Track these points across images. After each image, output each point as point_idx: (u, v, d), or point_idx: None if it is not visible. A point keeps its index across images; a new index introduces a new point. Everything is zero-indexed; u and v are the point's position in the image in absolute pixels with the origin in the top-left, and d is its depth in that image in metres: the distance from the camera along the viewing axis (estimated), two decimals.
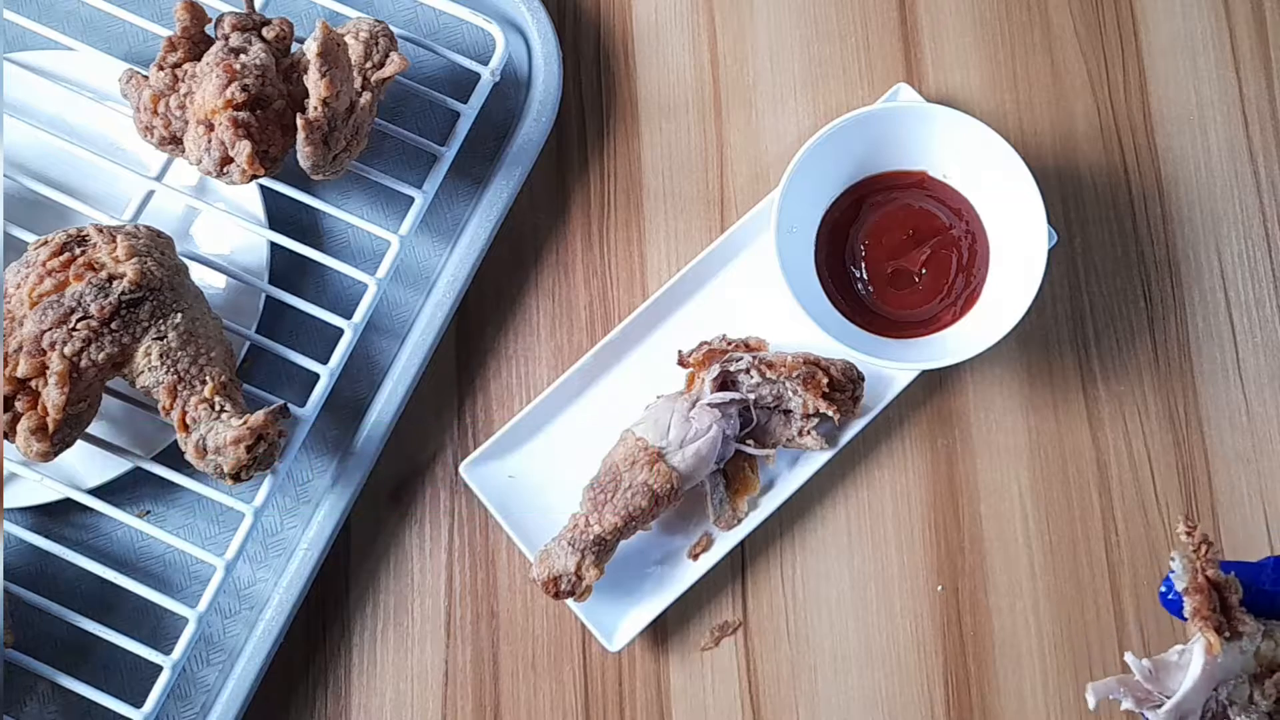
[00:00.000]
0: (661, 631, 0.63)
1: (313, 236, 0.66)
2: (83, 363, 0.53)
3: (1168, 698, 0.48)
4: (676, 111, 0.68)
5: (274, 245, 0.62)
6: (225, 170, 0.55)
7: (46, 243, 0.55)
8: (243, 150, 0.54)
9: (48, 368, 0.53)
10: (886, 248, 0.63)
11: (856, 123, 0.61)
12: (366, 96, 0.57)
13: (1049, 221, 0.60)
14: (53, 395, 0.52)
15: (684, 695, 0.62)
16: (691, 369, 0.62)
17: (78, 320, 0.53)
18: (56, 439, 0.53)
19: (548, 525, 0.61)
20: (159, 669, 0.57)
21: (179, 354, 0.55)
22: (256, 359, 0.64)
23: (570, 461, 0.62)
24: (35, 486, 0.59)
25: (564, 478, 0.62)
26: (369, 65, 0.57)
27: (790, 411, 0.61)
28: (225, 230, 0.63)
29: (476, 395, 0.65)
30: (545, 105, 0.66)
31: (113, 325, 0.53)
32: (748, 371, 0.60)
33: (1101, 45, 0.69)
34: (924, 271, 0.62)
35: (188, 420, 0.54)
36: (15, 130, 0.62)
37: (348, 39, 0.58)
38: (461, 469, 0.62)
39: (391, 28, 0.59)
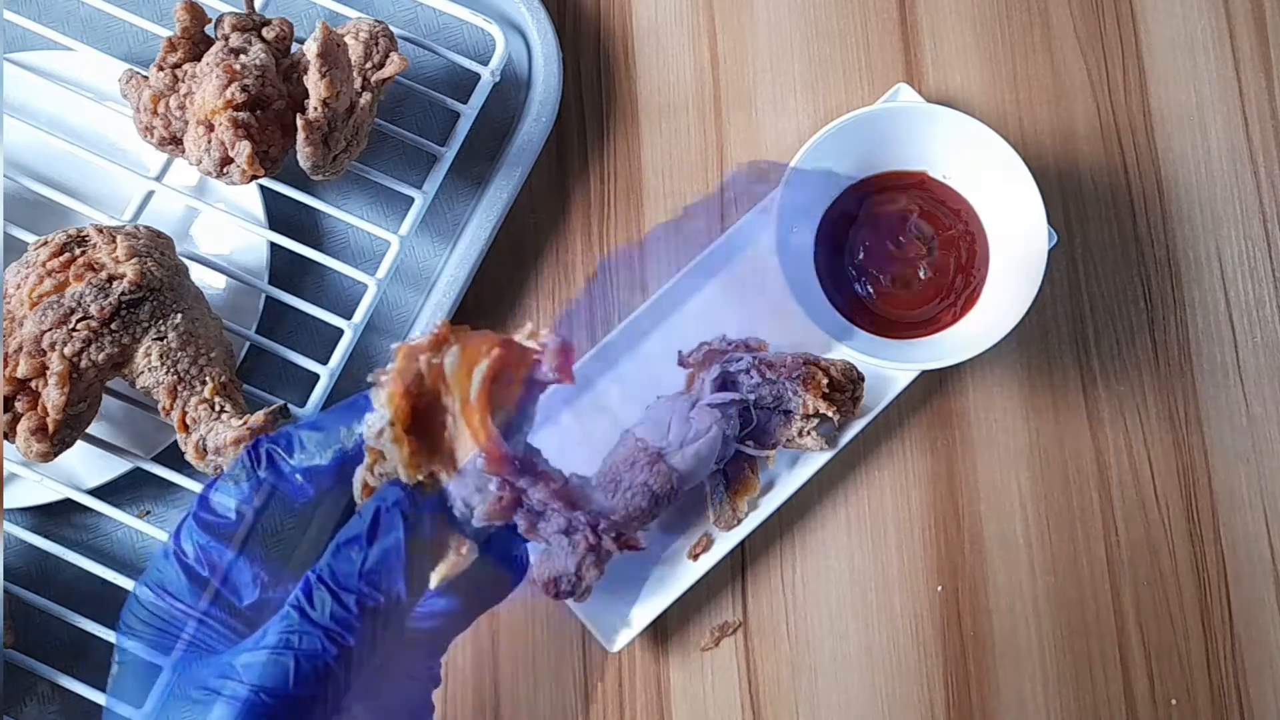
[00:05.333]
0: (661, 631, 0.63)
1: (312, 236, 0.66)
2: (83, 363, 0.53)
3: None
4: (676, 111, 0.68)
5: (274, 245, 0.62)
6: (225, 170, 0.55)
7: (46, 243, 0.55)
8: (243, 150, 0.54)
9: (48, 368, 0.52)
10: (887, 248, 0.63)
11: (856, 123, 0.60)
12: (366, 97, 0.57)
13: (1049, 221, 0.60)
14: (53, 396, 0.52)
15: (684, 695, 0.62)
16: (691, 369, 0.62)
17: (78, 321, 0.53)
18: (56, 439, 0.53)
19: None
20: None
21: (179, 354, 0.54)
22: (256, 359, 0.64)
23: (570, 461, 0.62)
24: (35, 486, 0.59)
25: None
26: (369, 65, 0.57)
27: (790, 412, 0.61)
28: (225, 230, 0.63)
29: None
30: (545, 105, 0.66)
31: (113, 326, 0.53)
32: (748, 372, 0.60)
33: (1101, 45, 0.69)
34: (924, 272, 0.62)
35: (188, 420, 0.54)
36: (15, 130, 0.62)
37: (348, 39, 0.58)
38: None
39: (391, 28, 0.59)
